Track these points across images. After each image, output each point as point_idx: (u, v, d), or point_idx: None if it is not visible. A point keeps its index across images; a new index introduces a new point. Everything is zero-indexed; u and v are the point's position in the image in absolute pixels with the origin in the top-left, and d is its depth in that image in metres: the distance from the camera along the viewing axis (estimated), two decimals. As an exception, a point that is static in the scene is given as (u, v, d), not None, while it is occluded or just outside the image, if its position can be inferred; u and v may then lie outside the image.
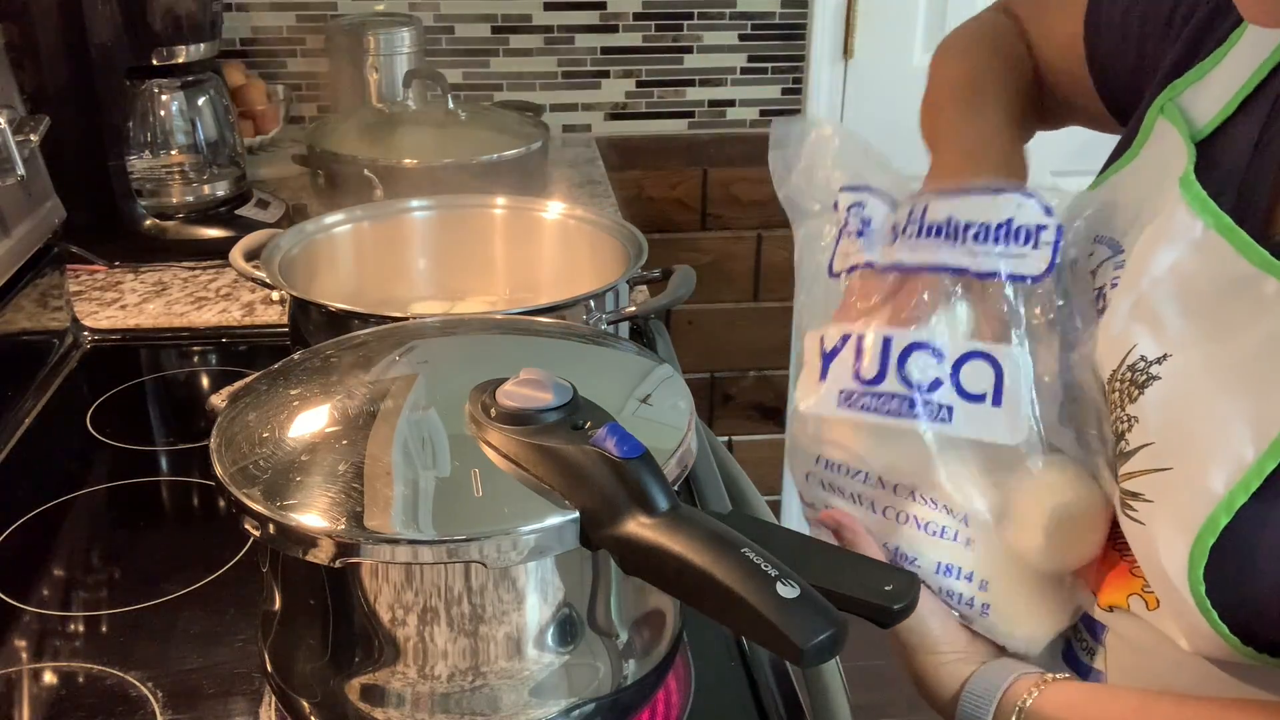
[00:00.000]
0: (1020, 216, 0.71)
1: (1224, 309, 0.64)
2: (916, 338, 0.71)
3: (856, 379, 0.72)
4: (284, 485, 0.62)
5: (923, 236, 0.72)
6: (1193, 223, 0.66)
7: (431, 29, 2.01)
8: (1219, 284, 0.64)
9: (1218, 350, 0.63)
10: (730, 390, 2.38)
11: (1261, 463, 0.59)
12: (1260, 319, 0.62)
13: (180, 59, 1.50)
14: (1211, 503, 0.60)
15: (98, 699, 0.77)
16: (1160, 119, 0.74)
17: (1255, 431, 0.60)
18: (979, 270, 0.71)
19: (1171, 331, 0.66)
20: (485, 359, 0.77)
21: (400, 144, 1.55)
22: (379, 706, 0.65)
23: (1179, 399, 0.64)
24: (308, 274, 1.10)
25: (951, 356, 0.71)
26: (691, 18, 2.10)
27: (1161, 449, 0.64)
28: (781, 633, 0.52)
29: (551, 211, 1.21)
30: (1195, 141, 0.71)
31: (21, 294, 1.17)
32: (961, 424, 0.70)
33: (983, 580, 0.72)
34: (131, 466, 1.07)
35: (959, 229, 0.72)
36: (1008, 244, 0.70)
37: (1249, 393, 0.61)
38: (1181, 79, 0.74)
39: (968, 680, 0.69)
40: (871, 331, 0.72)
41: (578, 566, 0.64)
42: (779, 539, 0.65)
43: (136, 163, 1.54)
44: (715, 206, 2.23)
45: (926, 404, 0.70)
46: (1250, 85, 0.70)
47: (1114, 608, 0.70)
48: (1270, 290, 0.62)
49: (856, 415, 0.72)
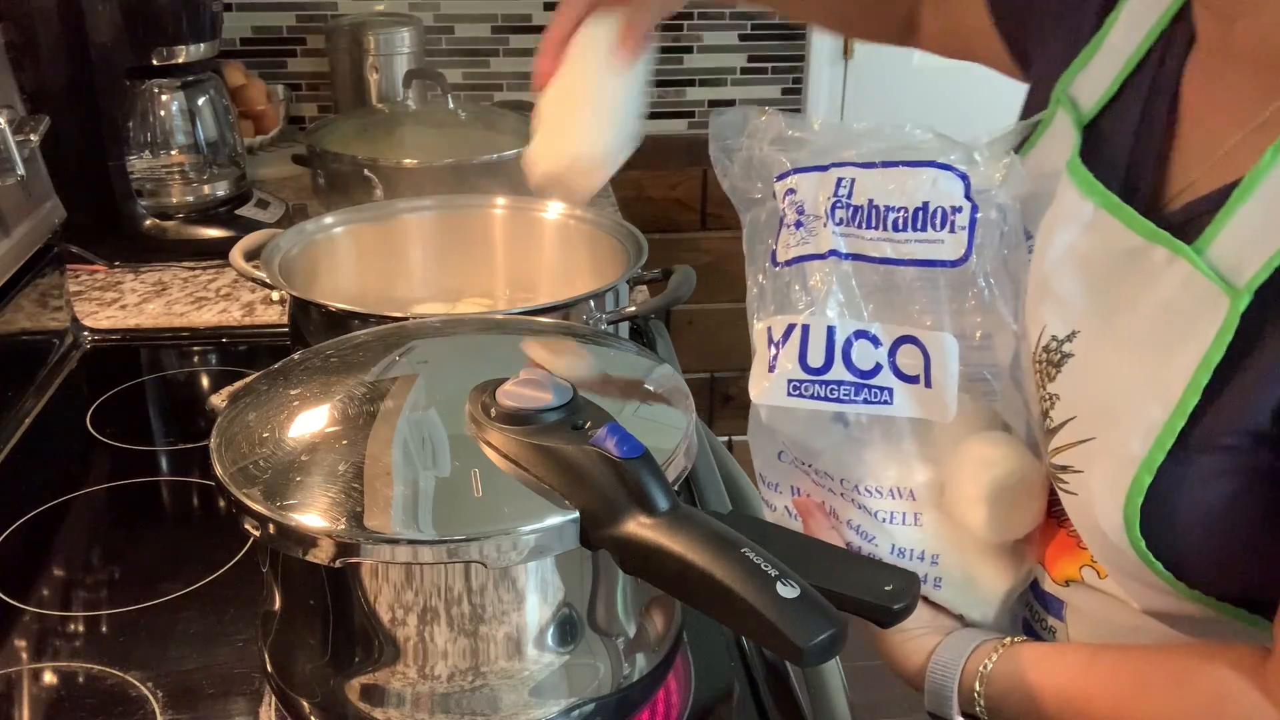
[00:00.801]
0: (936, 197, 0.72)
1: (1120, 282, 0.67)
2: (858, 326, 0.73)
3: (804, 368, 0.74)
4: (284, 485, 0.62)
5: (852, 223, 0.74)
6: (1083, 204, 0.70)
7: (431, 29, 2.01)
8: (1113, 258, 0.68)
9: (1119, 321, 0.66)
10: (730, 390, 2.38)
11: (1171, 422, 0.62)
12: (1154, 286, 0.65)
13: (180, 59, 1.50)
14: (1134, 465, 0.63)
15: (98, 699, 0.77)
16: (1060, 110, 0.77)
17: (1161, 392, 0.63)
18: (900, 259, 0.73)
19: (1075, 309, 0.69)
20: (485, 359, 0.77)
21: (400, 144, 1.55)
22: (379, 706, 0.65)
23: (1092, 372, 0.68)
24: (308, 274, 1.11)
25: (886, 343, 0.73)
26: (691, 18, 2.10)
27: (1083, 421, 0.67)
28: (781, 633, 0.52)
29: (551, 211, 1.21)
30: (1084, 125, 0.74)
31: (21, 294, 1.17)
32: (900, 405, 0.73)
33: (934, 555, 0.74)
34: (131, 466, 1.07)
35: (881, 215, 0.73)
36: (924, 229, 0.72)
37: (1153, 357, 0.64)
38: (1069, 69, 0.78)
39: (933, 651, 0.71)
40: (815, 321, 0.74)
41: (578, 566, 0.64)
42: (779, 539, 0.65)
43: (136, 163, 1.54)
44: (715, 206, 2.23)
45: (869, 388, 0.73)
46: (1129, 66, 0.74)
47: (1069, 581, 0.73)
48: (1160, 258, 0.65)
49: (805, 403, 0.74)
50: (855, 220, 0.74)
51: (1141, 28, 0.74)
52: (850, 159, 0.75)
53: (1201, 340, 0.61)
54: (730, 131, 0.81)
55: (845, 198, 0.74)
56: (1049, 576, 0.74)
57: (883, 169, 0.74)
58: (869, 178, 0.74)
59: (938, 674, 0.70)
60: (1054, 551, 0.74)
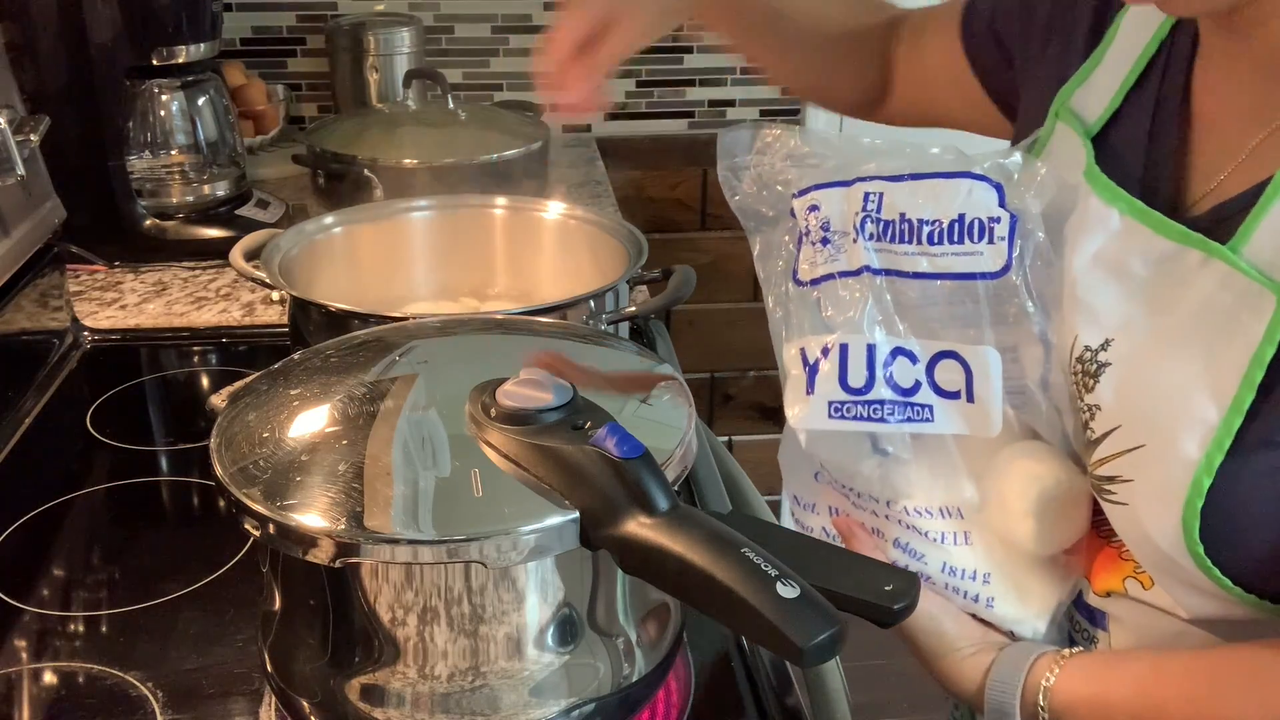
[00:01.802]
0: (971, 208, 0.71)
1: (1156, 286, 0.67)
2: (897, 343, 0.72)
3: (845, 388, 0.73)
4: (284, 485, 0.62)
5: (884, 238, 0.73)
6: (1107, 212, 0.70)
7: (431, 29, 2.01)
8: (1144, 264, 0.68)
9: (1159, 325, 0.66)
10: (730, 390, 2.38)
11: (1228, 420, 0.62)
12: (1189, 289, 0.65)
13: (180, 59, 1.50)
14: (1191, 468, 0.63)
15: (98, 699, 0.77)
16: (1059, 124, 0.78)
17: (1214, 393, 0.62)
18: (937, 273, 0.72)
19: (1108, 317, 0.69)
20: (485, 359, 0.77)
21: (400, 144, 1.55)
22: (379, 706, 0.65)
23: (1133, 379, 0.67)
24: (308, 274, 1.10)
25: (924, 359, 0.72)
26: (691, 17, 2.10)
27: (1130, 429, 0.67)
28: (781, 633, 0.52)
29: (551, 211, 1.21)
30: (1091, 136, 0.75)
31: (21, 294, 1.17)
32: (942, 422, 0.71)
33: (985, 574, 0.73)
34: (131, 466, 1.07)
35: (915, 229, 0.72)
36: (961, 241, 0.71)
37: (1198, 358, 0.64)
38: (1068, 84, 0.78)
39: (990, 669, 0.70)
40: (855, 340, 0.73)
41: (578, 566, 0.64)
42: (779, 539, 0.65)
43: (136, 163, 1.54)
44: (715, 206, 2.23)
45: (910, 406, 0.72)
46: (1131, 78, 0.75)
47: (1111, 593, 0.72)
48: (1193, 261, 0.65)
49: (847, 424, 0.72)
50: (887, 235, 0.72)
51: (1141, 39, 0.75)
52: (873, 173, 0.74)
53: (1249, 337, 0.61)
54: (739, 149, 0.79)
55: (874, 212, 0.73)
56: (1090, 588, 0.73)
57: (912, 181, 0.72)
58: (897, 191, 0.73)
59: (997, 692, 0.69)
60: (1095, 563, 0.73)
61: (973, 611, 0.74)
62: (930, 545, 0.74)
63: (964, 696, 0.72)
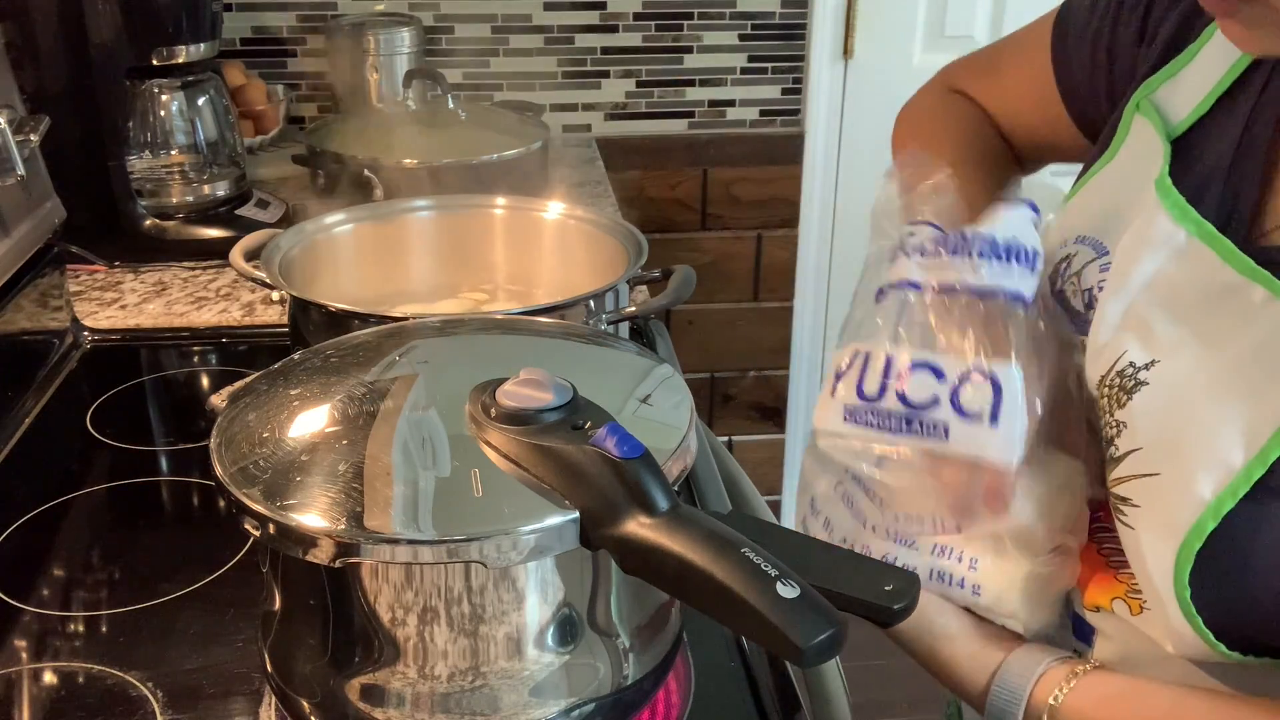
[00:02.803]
0: (1022, 235, 0.72)
1: (1211, 317, 0.64)
2: (918, 357, 0.72)
3: (860, 395, 0.73)
4: (284, 485, 0.62)
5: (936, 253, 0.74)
6: (1175, 230, 0.67)
7: (431, 29, 2.02)
8: (1205, 292, 0.65)
9: (1206, 357, 0.63)
10: (730, 390, 2.38)
11: (1250, 467, 0.60)
12: (1248, 327, 0.62)
13: (180, 59, 1.50)
14: (1199, 509, 0.61)
15: (98, 699, 0.77)
16: (1137, 116, 0.74)
17: (1245, 437, 0.60)
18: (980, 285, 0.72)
19: (1159, 338, 0.66)
20: (485, 359, 0.77)
21: (400, 144, 1.55)
22: (379, 706, 0.65)
23: (1167, 405, 0.65)
24: (308, 274, 1.10)
25: (952, 375, 0.71)
26: (691, 18, 2.10)
27: (1149, 454, 0.65)
28: (781, 633, 0.52)
29: (551, 211, 1.21)
30: (1171, 139, 0.71)
31: (21, 294, 1.17)
32: (957, 442, 0.70)
33: (972, 559, 0.73)
34: (131, 466, 1.07)
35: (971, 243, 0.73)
36: (1009, 261, 0.72)
37: (1238, 400, 0.61)
38: (1155, 76, 0.74)
39: (996, 673, 0.69)
40: (875, 350, 0.73)
41: (578, 566, 0.64)
42: (779, 539, 0.65)
43: (136, 163, 1.54)
44: (715, 206, 2.23)
45: (922, 422, 0.71)
46: (1226, 82, 0.70)
47: (1099, 608, 0.71)
48: (1257, 298, 0.62)
49: (859, 430, 0.73)
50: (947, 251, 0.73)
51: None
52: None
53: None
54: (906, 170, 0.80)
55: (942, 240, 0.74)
56: (1081, 599, 0.72)
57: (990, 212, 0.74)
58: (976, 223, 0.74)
59: (1002, 699, 0.68)
60: (1087, 575, 0.72)
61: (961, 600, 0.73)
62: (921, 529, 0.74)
63: (965, 695, 0.71)
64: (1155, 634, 0.66)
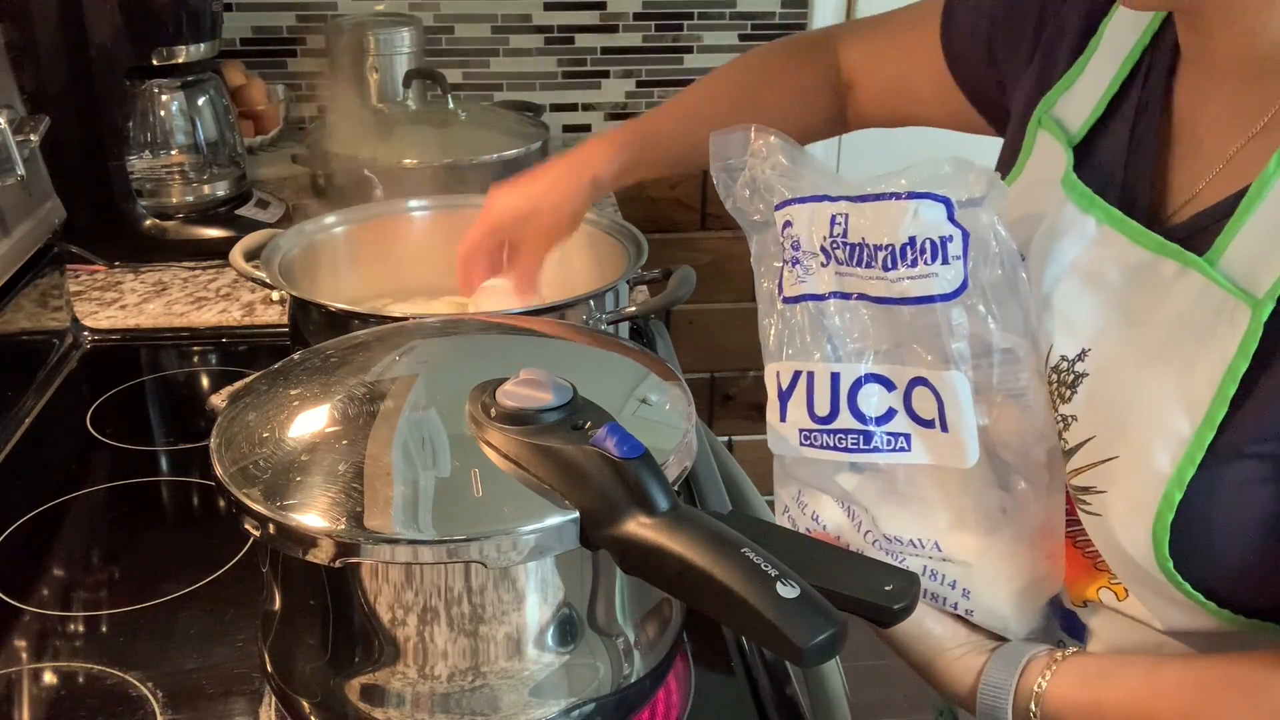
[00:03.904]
0: (921, 230, 0.68)
1: (1131, 296, 0.67)
2: (864, 370, 0.71)
3: (811, 417, 0.72)
4: (284, 485, 0.62)
5: (848, 262, 0.71)
6: (1084, 220, 0.70)
7: (431, 29, 2.01)
8: (1120, 274, 0.67)
9: (1133, 336, 0.66)
10: (730, 390, 2.38)
11: (1200, 433, 0.61)
12: (1166, 300, 0.64)
13: (180, 59, 1.50)
14: (1163, 481, 0.62)
15: (98, 699, 0.77)
16: (1040, 132, 0.77)
17: (1186, 405, 0.62)
18: (896, 298, 0.69)
19: (1084, 327, 0.68)
20: (485, 359, 0.77)
21: (400, 144, 1.55)
22: (379, 706, 0.65)
23: (1109, 390, 0.67)
24: (308, 274, 1.11)
25: (900, 385, 0.70)
26: (691, 18, 2.10)
27: (1104, 440, 0.66)
28: (781, 633, 0.52)
29: (551, 211, 1.21)
30: (1072, 145, 0.74)
31: (21, 294, 1.17)
32: (919, 451, 0.70)
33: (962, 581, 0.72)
34: (131, 466, 1.07)
35: (872, 253, 0.70)
36: (915, 264, 0.68)
37: (1172, 371, 0.63)
38: (1051, 92, 0.78)
39: (982, 670, 0.69)
40: (820, 368, 0.72)
41: (578, 566, 0.64)
42: (779, 539, 0.65)
43: (136, 163, 1.54)
44: (715, 206, 2.23)
45: (883, 435, 0.70)
46: (1114, 87, 0.74)
47: (1086, 602, 0.72)
48: (1169, 271, 0.65)
49: (819, 454, 0.73)
50: (852, 259, 0.71)
51: (1124, 47, 0.75)
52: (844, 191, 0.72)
53: (1223, 350, 0.61)
54: (731, 150, 0.78)
55: (841, 237, 0.71)
56: (1067, 596, 0.73)
57: (872, 203, 0.70)
58: (860, 213, 0.70)
59: (989, 696, 0.68)
60: (1071, 572, 0.72)
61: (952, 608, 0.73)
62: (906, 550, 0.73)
63: (956, 699, 0.71)
64: (1142, 615, 0.67)
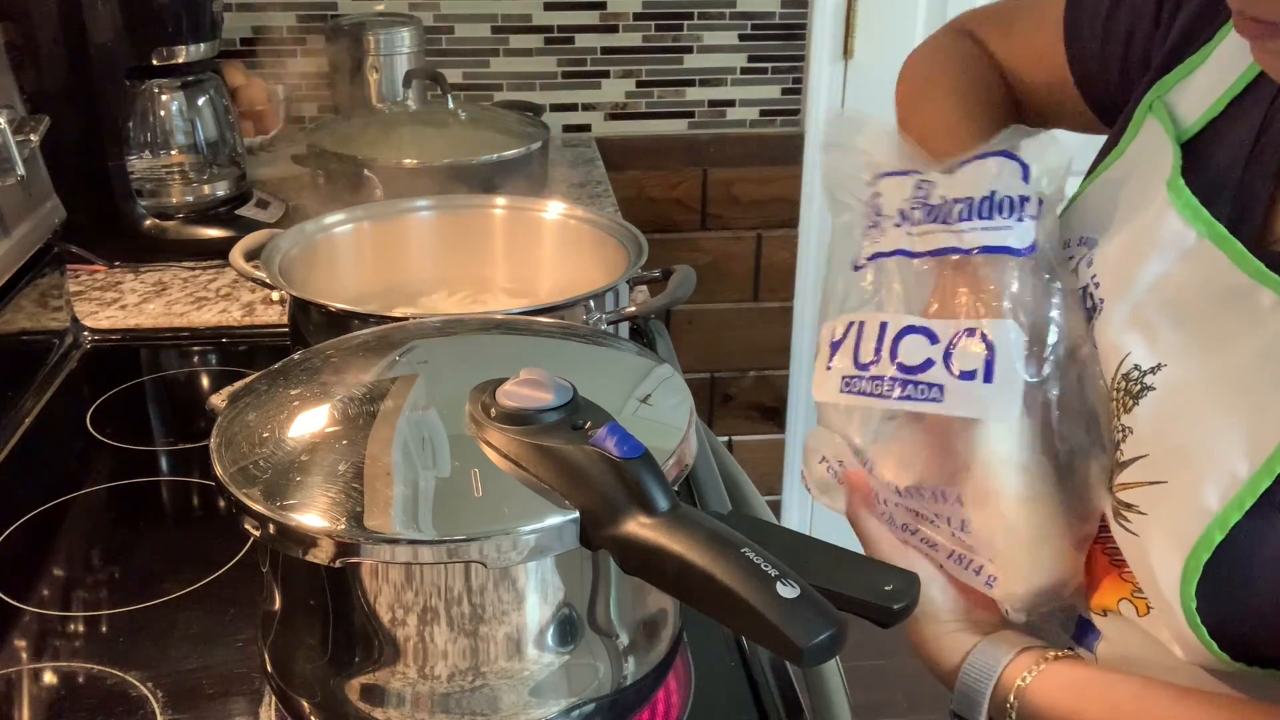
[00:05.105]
0: (1002, 187, 0.72)
1: (1218, 320, 0.63)
2: (910, 321, 0.73)
3: (855, 364, 0.74)
4: (284, 485, 0.62)
5: (924, 220, 0.74)
6: (1185, 231, 0.66)
7: (431, 29, 2.01)
8: (1213, 295, 0.64)
9: (1212, 362, 0.62)
10: (730, 390, 2.38)
11: (1256, 479, 0.59)
12: (1255, 331, 0.61)
13: (180, 59, 1.50)
14: (1206, 519, 0.60)
15: (98, 699, 0.77)
16: (1149, 117, 0.73)
17: (1249, 447, 0.59)
18: (965, 248, 0.72)
19: (1165, 341, 0.65)
20: (485, 359, 0.77)
21: (400, 144, 1.55)
22: (379, 706, 0.65)
23: (1173, 411, 0.64)
24: (308, 274, 1.10)
25: (945, 337, 0.71)
26: (691, 18, 2.10)
27: (1155, 462, 0.64)
28: (781, 633, 0.52)
29: (551, 211, 1.21)
30: (1182, 141, 0.70)
31: (21, 294, 1.17)
32: (951, 403, 0.70)
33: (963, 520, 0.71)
34: (131, 466, 1.07)
35: (950, 208, 0.73)
36: (991, 217, 0.71)
37: (1243, 407, 0.60)
38: (1169, 75, 0.73)
39: (970, 652, 0.69)
40: (870, 318, 0.74)
41: (578, 566, 0.64)
42: (779, 539, 0.65)
43: (136, 163, 1.54)
44: (715, 206, 2.23)
45: (916, 384, 0.71)
46: (1239, 85, 0.69)
47: (1106, 611, 0.70)
48: (1266, 302, 0.61)
49: (856, 399, 0.74)
50: (928, 217, 0.74)
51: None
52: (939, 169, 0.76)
53: None
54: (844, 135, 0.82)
55: (923, 199, 0.75)
56: (1087, 602, 0.71)
57: (959, 169, 0.74)
58: (946, 180, 0.75)
59: (971, 678, 0.68)
60: (1096, 579, 0.71)
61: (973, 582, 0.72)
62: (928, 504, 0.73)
63: (937, 671, 0.71)
64: (1163, 636, 0.65)
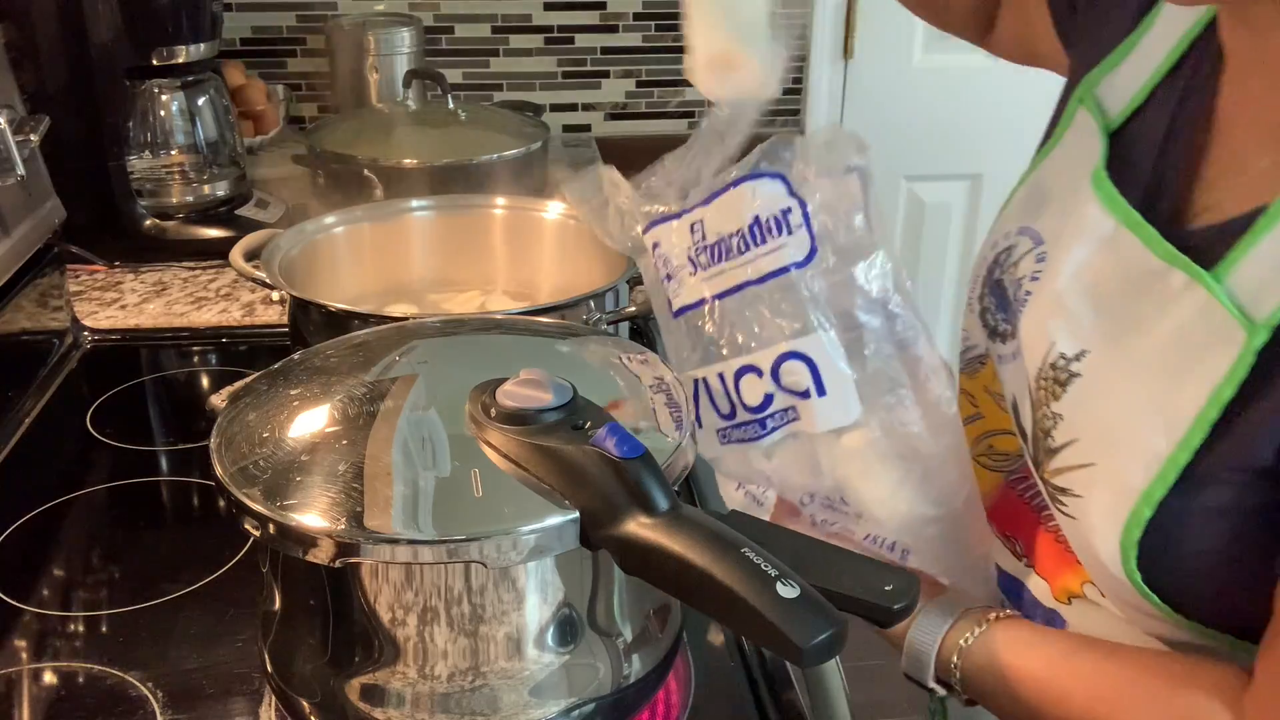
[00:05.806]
0: (763, 208, 0.73)
1: (1135, 304, 0.64)
2: (739, 364, 0.74)
3: (720, 417, 0.76)
4: (284, 485, 0.62)
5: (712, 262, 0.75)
6: (1104, 220, 0.67)
7: (431, 29, 2.02)
8: (1130, 279, 0.65)
9: (1130, 345, 0.64)
10: (730, 390, 2.38)
11: (1175, 456, 0.60)
12: (1168, 312, 0.62)
13: (180, 59, 1.50)
14: (1134, 497, 0.62)
15: (98, 699, 0.78)
16: (1080, 109, 0.74)
17: (1167, 425, 0.61)
18: (755, 279, 0.73)
19: (1087, 328, 0.67)
20: (485, 359, 0.77)
21: (400, 144, 1.55)
22: (379, 706, 0.65)
23: (1098, 395, 0.66)
24: (308, 274, 1.10)
25: (767, 368, 0.73)
26: (691, 18, 2.10)
27: (1085, 445, 0.66)
28: (781, 633, 0.52)
29: (551, 211, 1.21)
30: (1110, 132, 0.71)
31: (21, 294, 1.17)
32: (806, 421, 0.73)
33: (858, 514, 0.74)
34: (131, 466, 1.07)
35: (729, 244, 0.74)
36: (765, 241, 0.73)
37: (1160, 386, 0.62)
38: (1098, 68, 0.74)
39: (916, 615, 0.70)
40: (708, 372, 0.76)
41: (578, 566, 0.64)
42: (779, 539, 0.65)
43: (136, 163, 1.54)
44: (715, 206, 2.23)
45: (771, 416, 0.74)
46: (1161, 72, 0.71)
47: (1072, 598, 0.71)
48: (1177, 283, 0.62)
49: (736, 448, 0.76)
50: (715, 258, 0.75)
51: (1176, 32, 0.70)
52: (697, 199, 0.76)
53: (1213, 373, 0.59)
54: (588, 192, 0.83)
55: (701, 242, 0.76)
56: (1050, 592, 0.73)
57: (718, 198, 0.75)
58: (711, 213, 0.75)
59: (918, 641, 0.70)
60: (1056, 566, 0.72)
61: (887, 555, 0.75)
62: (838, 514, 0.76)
63: (892, 641, 0.73)
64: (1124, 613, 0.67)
